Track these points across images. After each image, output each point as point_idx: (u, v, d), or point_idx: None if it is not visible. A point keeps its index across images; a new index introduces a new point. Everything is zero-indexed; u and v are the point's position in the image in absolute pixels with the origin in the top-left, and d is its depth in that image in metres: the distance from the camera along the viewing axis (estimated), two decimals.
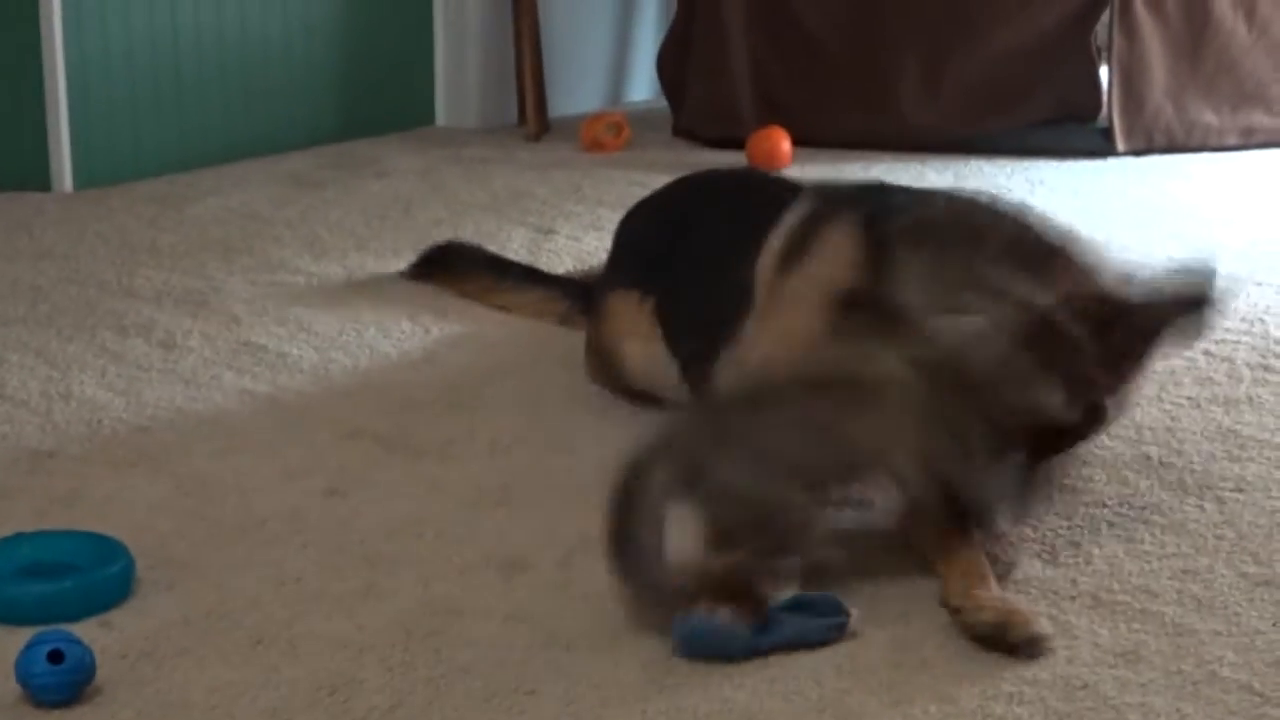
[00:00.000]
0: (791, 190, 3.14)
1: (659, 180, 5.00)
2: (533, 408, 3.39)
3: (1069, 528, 2.83)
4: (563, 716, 2.26)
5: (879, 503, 2.56)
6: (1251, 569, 2.69)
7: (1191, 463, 3.11)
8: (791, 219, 2.98)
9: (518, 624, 2.51)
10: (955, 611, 2.48)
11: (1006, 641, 2.40)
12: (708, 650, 2.36)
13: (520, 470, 3.09)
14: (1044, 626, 2.44)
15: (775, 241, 2.97)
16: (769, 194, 3.16)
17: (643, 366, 3.29)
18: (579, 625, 2.50)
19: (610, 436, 3.23)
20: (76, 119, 5.13)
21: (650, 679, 2.35)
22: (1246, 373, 3.59)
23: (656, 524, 2.37)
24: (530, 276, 4.00)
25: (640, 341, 3.29)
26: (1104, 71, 5.81)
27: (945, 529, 2.61)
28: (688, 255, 3.24)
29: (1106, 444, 3.17)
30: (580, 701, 2.30)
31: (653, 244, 3.37)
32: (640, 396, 3.30)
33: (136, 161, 5.30)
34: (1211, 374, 3.58)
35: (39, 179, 5.12)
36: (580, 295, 3.69)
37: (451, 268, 4.12)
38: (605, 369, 3.36)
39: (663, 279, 3.28)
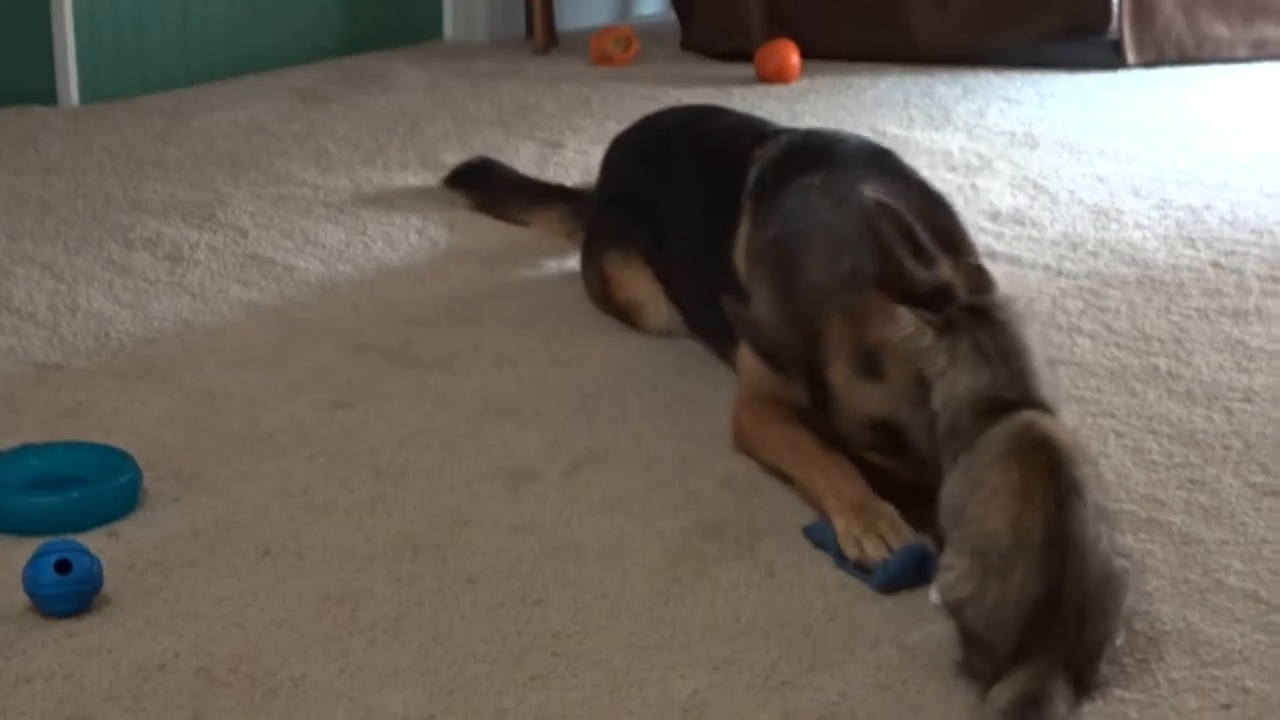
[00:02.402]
0: (752, 140, 3.16)
1: (667, 94, 5.01)
2: (537, 321, 3.39)
3: None
4: (570, 626, 2.27)
5: None
6: (1259, 478, 2.69)
7: (1200, 373, 3.11)
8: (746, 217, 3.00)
9: (525, 534, 2.51)
10: None
11: None
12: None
13: (526, 383, 3.09)
14: None
15: (742, 240, 2.99)
16: (736, 150, 3.15)
17: (658, 322, 3.32)
18: (586, 535, 2.51)
19: (613, 350, 3.24)
20: (83, 34, 5.11)
21: (656, 589, 2.35)
22: (1255, 284, 3.58)
23: None
24: (550, 194, 4.00)
25: (650, 300, 3.32)
26: None
27: None
28: (670, 218, 3.27)
29: (1115, 355, 3.18)
30: (587, 611, 2.30)
31: (637, 197, 3.38)
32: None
33: (143, 76, 5.29)
34: (1220, 285, 3.57)
35: (45, 94, 5.11)
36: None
37: (480, 184, 4.13)
38: (621, 318, 3.36)
39: (651, 236, 3.31)
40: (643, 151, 3.50)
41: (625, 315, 3.35)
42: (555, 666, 2.17)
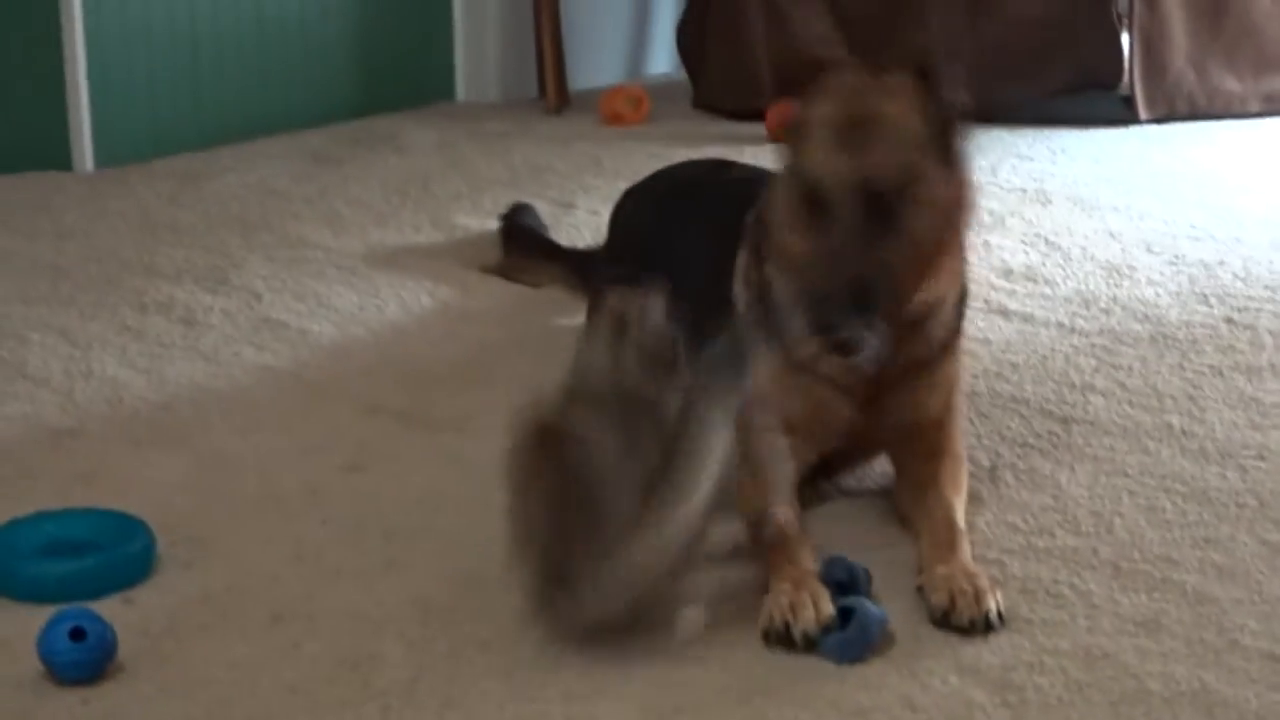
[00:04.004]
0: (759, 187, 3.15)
1: (679, 153, 5.00)
2: (550, 381, 3.38)
3: (1090, 496, 2.83)
4: (583, 689, 2.27)
5: None
6: (1273, 536, 2.68)
7: (1213, 430, 3.10)
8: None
9: None
10: (920, 590, 2.49)
11: (953, 625, 2.40)
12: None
13: None
14: (992, 605, 2.40)
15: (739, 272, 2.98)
16: (741, 197, 3.14)
17: None
18: None
19: None
20: (97, 98, 5.13)
21: (669, 652, 2.35)
22: (1269, 340, 3.57)
23: None
24: (559, 252, 4.02)
25: None
26: (1125, 38, 5.78)
27: (918, 495, 2.68)
28: (677, 263, 3.24)
29: (1128, 412, 3.17)
30: (601, 674, 2.30)
31: (646, 247, 3.37)
32: None
33: (156, 140, 5.30)
34: (1234, 342, 3.57)
35: (60, 159, 5.12)
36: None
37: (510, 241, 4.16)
38: None
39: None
40: (652, 203, 3.50)
41: None
42: None
